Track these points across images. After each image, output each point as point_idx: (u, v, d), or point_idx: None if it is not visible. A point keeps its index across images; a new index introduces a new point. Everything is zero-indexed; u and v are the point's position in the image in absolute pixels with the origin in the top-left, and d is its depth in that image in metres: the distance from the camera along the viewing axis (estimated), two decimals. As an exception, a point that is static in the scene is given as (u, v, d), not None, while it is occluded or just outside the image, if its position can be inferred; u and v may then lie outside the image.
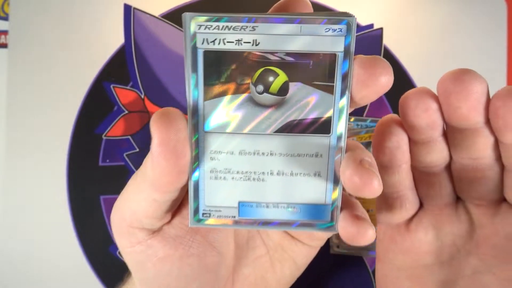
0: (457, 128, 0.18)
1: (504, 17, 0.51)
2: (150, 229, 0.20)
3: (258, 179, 0.18)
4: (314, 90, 0.17)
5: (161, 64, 0.50)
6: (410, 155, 0.20)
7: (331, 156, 0.18)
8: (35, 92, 0.50)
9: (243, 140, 0.17)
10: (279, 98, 0.17)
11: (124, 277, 0.24)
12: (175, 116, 0.16)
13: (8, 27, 0.50)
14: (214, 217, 0.19)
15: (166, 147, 0.16)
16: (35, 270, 0.49)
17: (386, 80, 0.16)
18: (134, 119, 0.50)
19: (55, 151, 0.49)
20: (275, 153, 0.17)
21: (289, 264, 0.23)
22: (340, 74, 0.16)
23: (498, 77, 0.51)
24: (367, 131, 0.52)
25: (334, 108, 0.17)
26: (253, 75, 0.17)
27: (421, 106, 0.18)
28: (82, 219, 0.49)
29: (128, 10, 0.50)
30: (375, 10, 0.51)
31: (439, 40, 0.52)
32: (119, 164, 0.49)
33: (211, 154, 0.18)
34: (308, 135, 0.17)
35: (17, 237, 0.49)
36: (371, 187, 0.16)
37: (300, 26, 0.16)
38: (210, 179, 0.18)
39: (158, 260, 0.20)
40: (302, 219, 0.18)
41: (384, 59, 0.16)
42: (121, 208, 0.20)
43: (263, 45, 0.16)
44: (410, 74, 0.52)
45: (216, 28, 0.16)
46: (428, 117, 0.18)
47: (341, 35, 0.16)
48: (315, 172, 0.18)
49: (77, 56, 0.50)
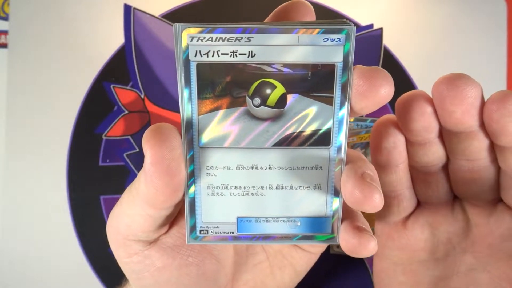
0: (453, 132, 0.18)
1: (504, 17, 0.51)
2: (147, 240, 0.19)
3: (257, 193, 0.17)
4: (313, 102, 0.16)
5: (161, 64, 0.50)
6: (407, 155, 0.20)
7: (331, 168, 0.17)
8: (35, 92, 0.50)
9: (240, 154, 0.17)
10: (277, 111, 0.16)
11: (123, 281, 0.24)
12: (168, 133, 0.16)
13: (8, 27, 0.50)
14: (212, 234, 0.18)
15: (159, 166, 0.16)
16: (35, 270, 0.49)
17: (387, 91, 0.16)
18: (134, 119, 0.50)
19: (55, 151, 0.49)
20: (273, 167, 0.17)
21: (288, 271, 0.23)
22: (340, 84, 0.16)
23: (498, 77, 0.51)
24: (367, 131, 0.52)
25: (334, 120, 0.16)
26: (249, 88, 0.16)
27: (417, 110, 0.18)
28: (82, 219, 0.49)
29: (128, 10, 0.50)
30: (375, 10, 0.51)
31: (439, 40, 0.52)
32: (119, 164, 0.49)
33: (207, 170, 0.17)
34: (307, 147, 0.17)
35: (17, 237, 0.49)
36: (372, 201, 0.16)
37: (298, 36, 0.15)
38: (207, 195, 0.17)
39: (156, 270, 0.19)
40: (303, 232, 0.18)
41: (384, 69, 0.16)
42: (115, 221, 0.19)
43: (259, 57, 0.16)
44: (410, 74, 0.52)
45: (210, 39, 0.15)
46: (424, 120, 0.18)
47: (340, 44, 0.16)
48: (315, 185, 0.17)
49: (77, 56, 0.50)
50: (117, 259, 0.20)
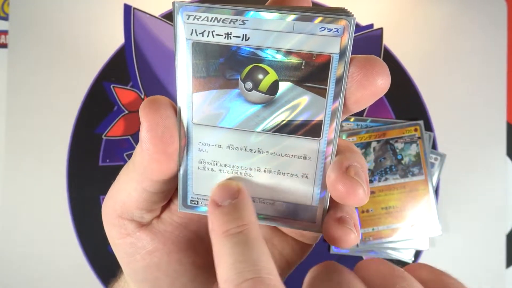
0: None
1: (504, 17, 0.51)
2: (140, 221, 0.20)
3: (245, 174, 0.18)
4: (305, 92, 0.16)
5: (161, 64, 0.50)
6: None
7: (320, 159, 0.17)
8: (35, 92, 0.50)
9: (231, 135, 0.17)
10: (268, 97, 0.16)
11: (117, 273, 0.24)
12: (163, 104, 0.16)
13: (8, 27, 0.50)
14: (202, 205, 0.19)
15: (154, 133, 0.16)
16: (35, 270, 0.49)
17: (384, 81, 0.15)
18: (134, 119, 0.50)
19: (55, 151, 0.49)
20: (262, 151, 0.17)
21: (279, 262, 0.23)
22: (334, 77, 0.15)
23: (498, 77, 0.51)
24: (367, 131, 0.52)
25: (326, 112, 0.16)
26: (242, 71, 0.16)
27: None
28: (82, 219, 0.49)
29: (128, 10, 0.50)
30: (375, 10, 0.51)
31: (439, 40, 0.52)
32: (119, 164, 0.49)
33: (199, 146, 0.17)
34: (297, 136, 0.17)
35: (17, 237, 0.49)
36: (355, 196, 0.16)
37: (293, 23, 0.15)
38: (198, 169, 0.18)
39: (147, 253, 0.20)
40: (287, 217, 0.18)
41: (381, 59, 0.16)
42: (112, 198, 0.20)
43: (252, 41, 0.15)
44: (410, 74, 0.52)
45: (205, 19, 0.15)
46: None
47: (337, 35, 0.15)
48: (303, 174, 0.17)
49: (77, 56, 0.50)
50: (110, 241, 0.20)
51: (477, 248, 0.51)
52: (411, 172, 0.49)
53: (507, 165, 0.51)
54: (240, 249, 0.15)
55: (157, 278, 0.20)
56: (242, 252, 0.15)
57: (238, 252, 0.15)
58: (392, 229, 0.49)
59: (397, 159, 0.50)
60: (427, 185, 0.49)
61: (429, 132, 0.50)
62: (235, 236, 0.16)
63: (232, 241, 0.16)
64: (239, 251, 0.15)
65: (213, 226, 0.16)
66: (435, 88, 0.51)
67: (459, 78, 0.51)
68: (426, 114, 0.51)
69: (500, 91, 0.51)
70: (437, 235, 0.49)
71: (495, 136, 0.51)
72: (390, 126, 0.50)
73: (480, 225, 0.51)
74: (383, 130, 0.50)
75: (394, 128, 0.50)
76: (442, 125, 0.51)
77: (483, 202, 0.51)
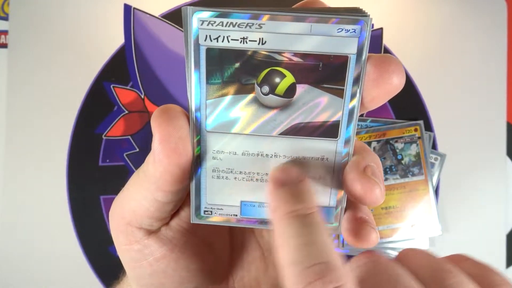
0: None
1: (504, 17, 0.51)
2: (148, 229, 0.19)
3: (261, 180, 0.17)
4: (323, 93, 0.16)
5: (161, 64, 0.50)
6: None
7: (338, 160, 0.17)
8: (35, 92, 0.50)
9: (247, 141, 0.17)
10: (285, 100, 0.16)
11: (120, 276, 0.24)
12: (176, 113, 0.16)
13: (8, 27, 0.50)
14: (216, 215, 0.18)
15: (167, 145, 0.16)
16: (35, 270, 0.49)
17: (399, 79, 0.15)
18: (134, 119, 0.50)
19: (55, 151, 0.49)
20: (279, 155, 0.17)
21: None
22: (352, 77, 0.15)
23: (498, 77, 0.51)
24: (367, 131, 0.52)
25: (343, 112, 0.16)
26: (258, 76, 0.16)
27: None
28: (82, 219, 0.49)
29: (128, 10, 0.50)
30: (375, 10, 0.51)
31: (439, 40, 0.52)
32: (119, 164, 0.49)
33: (213, 154, 0.17)
34: (314, 138, 0.17)
35: (17, 237, 0.49)
36: (372, 195, 0.16)
37: (311, 25, 0.15)
38: (212, 178, 0.18)
39: (154, 260, 0.19)
40: None
41: (395, 57, 0.16)
42: (121, 205, 0.19)
43: (269, 44, 0.15)
44: (410, 74, 0.52)
45: (220, 24, 0.15)
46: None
47: (355, 36, 0.15)
48: (320, 175, 0.17)
49: (77, 56, 0.50)
50: (116, 246, 0.20)
51: (477, 248, 0.51)
52: (411, 172, 0.49)
53: (507, 165, 0.51)
54: (308, 231, 0.14)
55: (162, 284, 0.20)
56: (310, 235, 0.14)
57: (306, 234, 0.14)
58: (392, 229, 0.49)
59: (397, 159, 0.50)
60: (427, 185, 0.49)
61: (429, 132, 0.50)
62: (303, 218, 0.15)
63: (300, 222, 0.15)
64: (307, 233, 0.14)
65: (277, 205, 0.15)
66: (435, 88, 0.51)
67: (459, 78, 0.51)
68: (426, 114, 0.51)
69: (500, 91, 0.51)
70: (437, 235, 0.49)
71: (495, 136, 0.51)
72: (390, 126, 0.50)
73: (480, 225, 0.51)
74: (383, 130, 0.50)
75: (394, 128, 0.50)
76: (442, 125, 0.51)
77: (483, 202, 0.51)
